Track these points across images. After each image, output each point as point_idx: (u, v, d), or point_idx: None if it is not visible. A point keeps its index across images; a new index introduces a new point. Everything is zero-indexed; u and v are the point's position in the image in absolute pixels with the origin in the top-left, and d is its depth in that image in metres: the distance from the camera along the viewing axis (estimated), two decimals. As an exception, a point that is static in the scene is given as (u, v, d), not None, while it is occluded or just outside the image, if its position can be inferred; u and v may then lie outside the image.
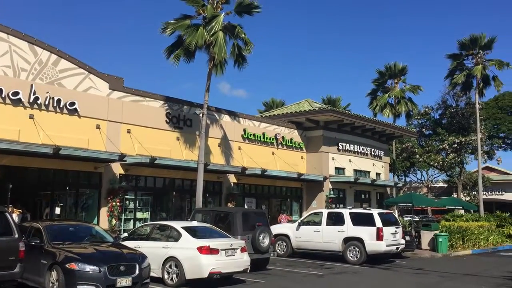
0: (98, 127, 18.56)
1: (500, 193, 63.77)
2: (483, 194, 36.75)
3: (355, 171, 29.87)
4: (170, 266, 12.11)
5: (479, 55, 32.69)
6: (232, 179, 23.88)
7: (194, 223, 13.85)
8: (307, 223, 19.69)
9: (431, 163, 42.68)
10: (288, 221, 24.12)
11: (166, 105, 21.47)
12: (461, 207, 32.56)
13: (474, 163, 45.31)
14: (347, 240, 18.18)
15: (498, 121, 39.00)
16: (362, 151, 30.75)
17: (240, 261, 12.47)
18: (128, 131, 19.61)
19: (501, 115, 39.27)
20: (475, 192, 43.32)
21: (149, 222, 17.50)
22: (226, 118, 24.24)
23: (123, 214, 19.41)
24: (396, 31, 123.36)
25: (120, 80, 19.80)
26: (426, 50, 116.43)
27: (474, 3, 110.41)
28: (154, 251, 12.24)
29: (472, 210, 32.14)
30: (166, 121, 21.29)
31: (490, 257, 22.44)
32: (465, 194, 46.96)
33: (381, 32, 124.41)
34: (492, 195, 62.35)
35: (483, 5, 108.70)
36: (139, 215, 20.23)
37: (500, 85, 33.19)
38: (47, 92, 17.17)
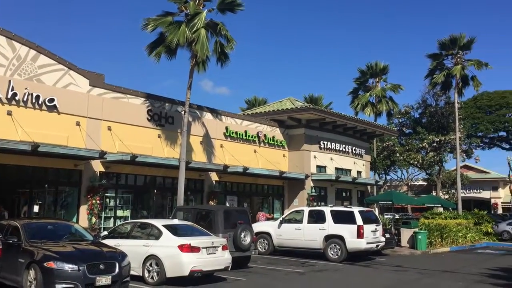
0: (78, 124, 18.32)
1: (478, 191, 65.02)
2: (462, 192, 37.37)
3: (337, 169, 30.07)
4: (150, 265, 12.04)
5: (458, 55, 33.18)
6: (214, 177, 23.83)
7: (175, 221, 13.78)
8: (289, 221, 19.76)
9: (411, 162, 43.21)
10: (267, 218, 24.23)
11: (147, 102, 21.29)
12: (440, 205, 33.06)
13: (453, 161, 46.06)
14: (328, 238, 18.30)
15: (476, 120, 39.64)
16: (344, 150, 30.97)
17: (221, 259, 12.46)
18: (109, 128, 19.40)
19: (479, 114, 39.92)
20: (453, 190, 44.05)
21: (129, 220, 17.34)
22: (208, 116, 24.17)
23: (103, 212, 19.20)
24: (378, 30, 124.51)
25: (101, 77, 19.56)
26: (407, 50, 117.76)
27: (454, 3, 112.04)
28: (135, 249, 12.15)
29: (450, 208, 32.64)
30: (147, 118, 21.12)
31: (468, 254, 22.83)
32: (444, 192, 47.68)
33: (363, 31, 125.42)
34: (470, 193, 63.52)
35: (464, 5, 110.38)
36: (119, 213, 20.04)
37: (478, 85, 33.72)
38: (26, 88, 16.86)
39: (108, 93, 19.74)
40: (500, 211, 61.87)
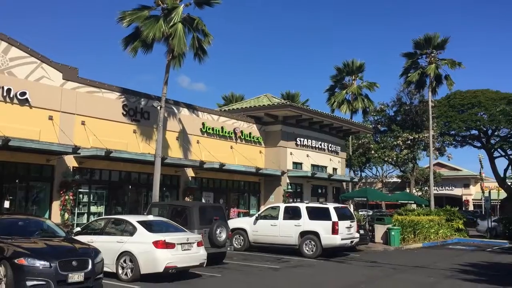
0: (50, 118, 17.96)
1: (450, 188, 66.47)
2: (434, 189, 38.09)
3: (313, 166, 30.27)
4: (124, 261, 11.92)
5: (432, 55, 33.69)
6: (190, 173, 23.71)
7: (150, 217, 13.66)
8: (264, 217, 19.82)
9: (386, 159, 43.80)
10: (239, 213, 24.33)
11: (122, 97, 21.01)
12: (413, 202, 33.66)
13: (426, 159, 47.02)
14: (304, 234, 18.42)
15: (449, 119, 40.35)
16: (320, 146, 31.18)
17: (196, 255, 12.42)
18: (83, 123, 19.09)
19: (452, 113, 40.65)
20: (426, 187, 44.85)
21: (103, 216, 17.11)
22: (184, 112, 24.00)
23: (76, 208, 18.90)
24: (355, 29, 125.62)
25: (74, 71, 19.21)
26: (383, 49, 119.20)
27: (430, 4, 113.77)
28: (108, 246, 12.01)
29: (423, 205, 33.22)
30: (122, 113, 20.85)
31: (439, 250, 23.30)
32: (417, 189, 48.52)
33: (340, 30, 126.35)
34: (443, 190, 64.91)
35: (439, 5, 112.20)
36: (93, 209, 19.75)
37: (452, 84, 34.34)
38: (-4, 81, 16.45)
39: (82, 87, 19.40)
40: (471, 208, 63.36)
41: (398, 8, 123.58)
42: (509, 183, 42.66)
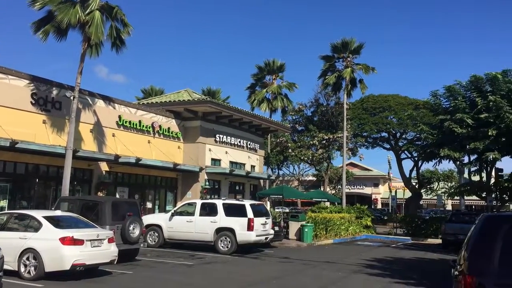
0: None
1: (361, 187, 69.83)
2: (346, 188, 39.82)
3: (231, 162, 30.39)
4: (27, 258, 11.24)
5: (349, 59, 35.17)
6: (104, 167, 22.84)
7: (58, 213, 12.99)
8: (181, 213, 19.60)
9: (302, 158, 44.97)
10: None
11: (32, 85, 19.73)
12: (326, 200, 34.90)
13: (340, 159, 48.88)
14: (219, 231, 18.45)
15: (362, 121, 42.21)
16: (239, 144, 31.39)
17: (106, 252, 12.00)
18: (-14, 111, 17.71)
19: (365, 115, 42.58)
20: (339, 186, 46.72)
21: (5, 211, 15.99)
22: (100, 103, 23.06)
23: (-25, 202, 17.52)
24: (277, 30, 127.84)
25: (-22, 54, 17.77)
26: (303, 51, 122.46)
27: (348, 10, 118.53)
28: (10, 242, 11.25)
29: (336, 203, 34.59)
30: (31, 102, 19.59)
31: (349, 246, 24.39)
32: (331, 188, 50.40)
33: (263, 29, 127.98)
34: (354, 189, 68.06)
35: (356, 13, 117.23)
36: (-5, 203, 18.42)
37: (365, 87, 36.10)
38: None
39: (-15, 72, 17.99)
40: (379, 206, 67.01)
41: (318, 12, 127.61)
42: (414, 183, 45.49)
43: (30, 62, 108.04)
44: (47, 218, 11.86)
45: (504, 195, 28.94)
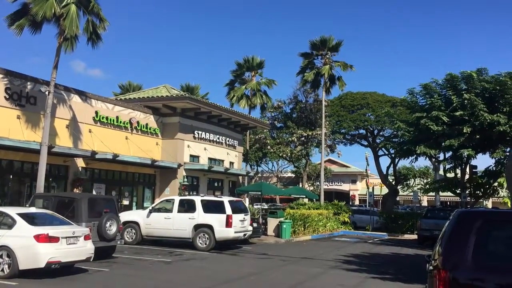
0: None
1: (339, 183, 70.40)
2: (325, 185, 40.04)
3: (210, 159, 30.30)
4: (1, 256, 11.01)
5: (327, 56, 35.36)
6: (81, 163, 22.51)
7: (32, 209, 12.76)
8: (158, 210, 19.46)
9: (281, 155, 45.13)
10: None
11: (5, 79, 19.31)
12: (304, 196, 35.09)
13: (318, 155, 49.10)
14: (198, 227, 18.38)
15: (340, 118, 42.50)
16: (218, 140, 31.29)
17: (83, 249, 11.83)
18: (-43, 105, 17.27)
19: (343, 113, 42.87)
20: (318, 183, 47.00)
21: (-22, 208, 15.63)
22: (76, 99, 22.70)
23: None
24: (256, 27, 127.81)
25: (-51, 46, 17.31)
26: (282, 48, 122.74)
27: (326, 9, 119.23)
28: (-18, 240, 11.00)
29: (314, 199, 34.77)
30: (5, 97, 19.18)
31: (327, 242, 24.58)
32: (310, 184, 50.68)
33: (242, 26, 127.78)
34: (333, 185, 68.55)
35: (336, 11, 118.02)
36: (-33, 200, 18.00)
37: (343, 85, 36.32)
38: None
39: (-43, 65, 17.52)
40: (357, 202, 67.67)
41: (298, 8, 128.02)
42: (391, 180, 46.06)
43: (4, 57, 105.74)
44: (22, 215, 11.64)
45: (478, 192, 29.55)
